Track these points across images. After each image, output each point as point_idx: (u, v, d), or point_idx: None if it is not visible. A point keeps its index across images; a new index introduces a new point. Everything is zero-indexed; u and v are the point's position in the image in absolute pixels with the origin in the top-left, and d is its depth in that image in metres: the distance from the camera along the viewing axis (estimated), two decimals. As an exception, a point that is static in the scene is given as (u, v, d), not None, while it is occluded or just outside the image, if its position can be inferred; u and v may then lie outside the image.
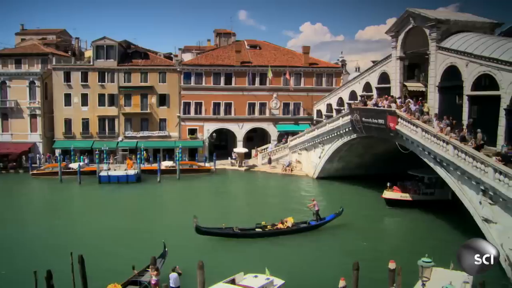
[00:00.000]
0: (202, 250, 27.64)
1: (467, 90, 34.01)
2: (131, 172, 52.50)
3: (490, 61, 31.54)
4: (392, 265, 21.63)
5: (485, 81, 32.39)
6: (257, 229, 31.59)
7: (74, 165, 54.41)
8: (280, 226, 31.95)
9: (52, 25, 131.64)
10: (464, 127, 32.52)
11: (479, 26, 38.65)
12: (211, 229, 30.53)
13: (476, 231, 29.19)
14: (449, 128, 32.10)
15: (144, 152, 57.18)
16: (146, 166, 56.57)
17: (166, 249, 25.62)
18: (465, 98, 34.23)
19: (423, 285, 16.48)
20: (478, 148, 29.00)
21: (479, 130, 31.65)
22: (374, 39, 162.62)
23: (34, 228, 34.06)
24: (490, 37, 35.77)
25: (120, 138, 61.72)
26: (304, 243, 30.78)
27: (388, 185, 40.00)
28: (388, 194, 39.80)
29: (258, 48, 69.12)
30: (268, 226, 31.84)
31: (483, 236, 27.47)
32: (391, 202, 39.49)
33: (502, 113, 30.48)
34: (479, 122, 32.50)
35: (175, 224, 32.20)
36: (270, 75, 61.74)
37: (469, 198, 28.58)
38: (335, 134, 48.31)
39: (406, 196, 39.56)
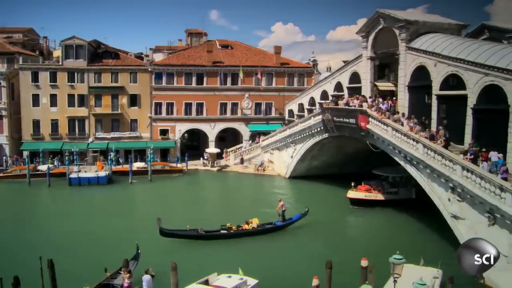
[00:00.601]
0: (175, 252, 27.50)
1: (435, 89, 34.69)
2: (102, 173, 51.69)
3: (458, 61, 32.26)
4: (364, 263, 21.87)
5: (453, 81, 33.08)
6: (222, 231, 31.27)
7: (43, 167, 53.21)
8: (245, 227, 31.79)
9: (18, 24, 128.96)
10: (434, 126, 33.21)
11: (446, 27, 39.43)
12: (175, 231, 30.13)
13: (442, 228, 30.01)
14: (418, 127, 32.70)
15: (111, 154, 56.14)
16: (118, 167, 55.87)
17: (139, 251, 25.33)
18: (434, 98, 34.92)
19: (395, 281, 16.74)
20: (446, 146, 29.62)
21: (440, 127, 32.76)
22: (345, 39, 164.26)
23: (0, 233, 32.97)
24: (457, 38, 36.53)
25: (90, 139, 60.76)
26: (274, 243, 30.80)
27: (352, 184, 40.17)
28: (352, 193, 39.96)
29: (229, 48, 69.01)
30: (233, 228, 31.55)
31: (450, 232, 28.14)
32: (355, 202, 39.71)
33: (469, 112, 31.24)
34: (447, 120, 33.20)
35: (147, 225, 31.69)
36: (241, 75, 61.80)
37: (439, 196, 29.15)
38: (307, 133, 48.58)
39: (370, 196, 39.85)
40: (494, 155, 27.36)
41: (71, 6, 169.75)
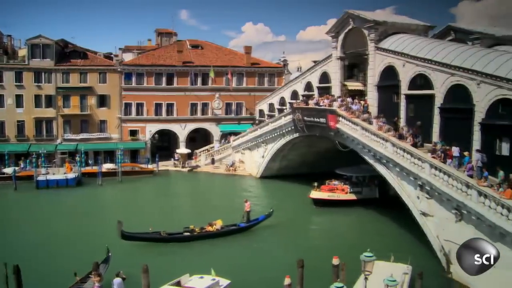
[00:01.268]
0: (146, 254, 27.18)
1: (403, 89, 35.28)
2: (71, 175, 50.72)
3: (425, 61, 32.94)
4: (336, 261, 22.08)
5: (421, 81, 33.71)
6: (185, 233, 30.85)
7: (8, 170, 51.78)
8: (209, 229, 31.42)
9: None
10: (401, 125, 33.80)
11: (414, 28, 40.15)
12: (136, 234, 29.53)
13: (411, 225, 30.62)
14: (387, 126, 33.20)
15: (80, 155, 55.11)
16: (87, 169, 54.94)
17: (110, 253, 24.93)
18: (402, 97, 35.51)
19: (366, 278, 16.93)
20: (415, 145, 30.15)
21: (397, 120, 33.45)
22: (316, 40, 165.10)
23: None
24: (424, 39, 37.28)
25: (58, 141, 59.57)
26: (242, 244, 30.76)
27: (315, 185, 40.30)
28: (315, 194, 39.93)
29: (200, 48, 68.69)
30: (197, 230, 31.12)
31: (419, 229, 28.66)
32: (318, 202, 39.72)
33: (436, 111, 31.92)
34: (415, 120, 33.82)
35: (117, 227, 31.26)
36: (212, 75, 61.58)
37: (408, 193, 29.64)
38: (278, 133, 48.74)
39: (333, 196, 39.98)
40: (456, 151, 28.39)
41: (37, 5, 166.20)
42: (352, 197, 40.38)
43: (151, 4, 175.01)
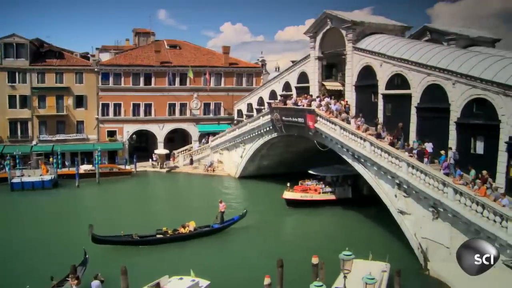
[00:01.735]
0: (123, 256, 26.77)
1: (381, 89, 35.61)
2: (47, 177, 49.76)
3: (402, 61, 33.29)
4: (315, 260, 22.19)
5: (398, 81, 34.05)
6: (158, 235, 30.48)
7: (-19, 172, 50.84)
8: (182, 230, 31.16)
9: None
10: (379, 124, 34.11)
11: (391, 28, 40.55)
12: (108, 237, 29.02)
13: (388, 223, 31.03)
14: (365, 125, 33.47)
15: (56, 157, 54.20)
16: (63, 170, 54.10)
17: (87, 256, 24.63)
18: (380, 97, 35.82)
19: (345, 277, 17.03)
20: (392, 143, 30.45)
21: (378, 120, 33.99)
22: (294, 40, 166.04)
23: None
24: (401, 39, 37.70)
25: (34, 142, 58.47)
26: (218, 245, 30.70)
27: (288, 185, 40.31)
28: (288, 194, 39.93)
29: (178, 48, 68.36)
30: (170, 232, 30.84)
31: (396, 227, 28.96)
32: (291, 203, 39.75)
33: (413, 111, 32.29)
34: (393, 119, 34.18)
35: (95, 229, 30.67)
36: (191, 75, 61.17)
37: (385, 192, 29.92)
38: (256, 133, 48.75)
39: (306, 196, 40.06)
40: (429, 147, 29.10)
41: (11, 3, 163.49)
42: (325, 197, 40.48)
43: (128, 4, 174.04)
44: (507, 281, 19.95)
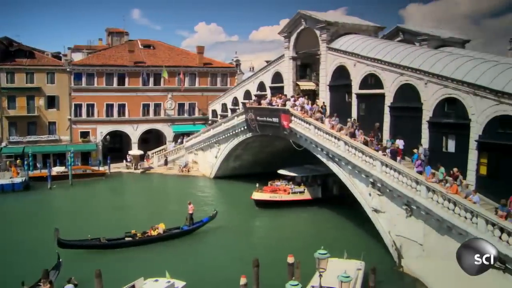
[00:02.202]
0: (97, 259, 26.48)
1: (355, 88, 35.98)
2: (18, 180, 48.70)
3: (375, 61, 33.71)
4: (290, 260, 22.27)
5: (371, 80, 34.43)
6: (126, 238, 29.93)
7: None
8: (151, 233, 30.74)
9: None
10: (350, 123, 34.47)
11: (364, 29, 40.98)
12: (74, 241, 28.24)
13: (361, 222, 31.53)
14: (339, 125, 33.73)
15: (18, 160, 52.91)
16: (35, 172, 53.06)
17: (60, 259, 24.11)
18: (354, 96, 36.16)
19: (320, 275, 17.11)
20: (366, 143, 30.76)
21: (349, 119, 34.72)
22: (268, 40, 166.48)
23: None
24: (374, 39, 38.16)
25: (3, 144, 57.06)
26: (192, 246, 30.45)
27: (257, 185, 40.22)
28: (257, 195, 39.71)
29: (152, 48, 67.86)
30: (139, 234, 30.29)
31: (370, 226, 29.28)
32: (260, 203, 39.63)
33: (386, 110, 32.70)
34: (366, 118, 34.56)
35: (68, 232, 29.86)
36: (165, 75, 60.67)
37: (360, 191, 30.19)
38: (231, 133, 48.66)
39: (276, 197, 39.96)
40: (400, 143, 29.75)
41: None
42: (295, 197, 40.44)
43: (101, 3, 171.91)
44: (478, 277, 20.28)
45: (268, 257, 25.14)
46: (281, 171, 42.11)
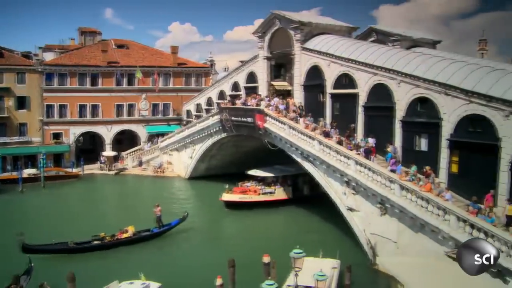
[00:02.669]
0: (70, 263, 25.84)
1: (329, 88, 36.23)
2: (-14, 183, 47.72)
3: (349, 61, 34.04)
4: (266, 259, 22.33)
5: (345, 80, 34.73)
6: (95, 242, 29.28)
7: None
8: (120, 236, 30.13)
9: None
10: (323, 122, 34.76)
11: (338, 29, 41.31)
12: (40, 246, 27.50)
13: (335, 221, 31.81)
14: (314, 124, 33.93)
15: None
16: (5, 175, 51.94)
17: (32, 264, 23.60)
18: (328, 96, 36.42)
19: (296, 275, 17.20)
20: (340, 142, 31.01)
21: (321, 118, 35.09)
22: (243, 40, 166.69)
23: None
24: (348, 40, 38.50)
25: (-29, 145, 55.83)
26: (163, 248, 30.15)
27: (226, 187, 40.01)
28: (226, 196, 39.37)
29: (125, 47, 67.13)
30: (107, 237, 29.67)
31: (344, 224, 29.52)
32: (229, 205, 39.26)
33: (360, 110, 33.05)
34: (340, 118, 34.86)
35: (38, 237, 29.15)
36: (139, 75, 60.08)
37: (335, 190, 30.40)
38: (205, 133, 48.49)
39: (245, 198, 39.70)
40: (371, 141, 30.44)
41: None
42: (265, 198, 40.26)
43: (73, 2, 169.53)
44: (450, 272, 20.69)
45: (243, 258, 24.91)
46: (251, 172, 42.00)
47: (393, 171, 26.66)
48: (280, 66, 45.10)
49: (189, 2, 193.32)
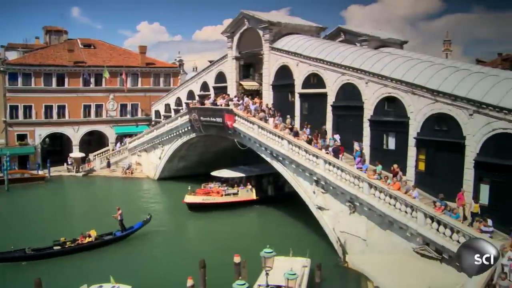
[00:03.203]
0: (35, 268, 25.31)
1: (298, 88, 36.39)
2: None
3: (318, 61, 34.27)
4: (237, 259, 22.26)
5: (314, 80, 34.95)
6: (55, 247, 28.20)
7: None
8: (82, 240, 29.28)
9: None
10: (298, 123, 34.88)
11: (307, 29, 41.52)
12: None
13: (302, 220, 32.28)
14: (283, 124, 34.01)
15: None
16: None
17: None
18: (297, 96, 36.58)
19: (267, 274, 17.17)
20: (310, 141, 31.18)
21: (288, 116, 35.21)
22: (212, 39, 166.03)
23: None
24: (317, 40, 38.77)
25: None
26: (127, 251, 29.59)
27: (189, 188, 39.51)
28: (189, 198, 38.74)
29: (92, 47, 66.04)
30: (68, 243, 28.69)
31: (314, 223, 29.67)
32: (192, 207, 38.63)
33: (329, 109, 33.29)
34: (310, 118, 35.04)
35: (4, 242, 28.52)
36: (107, 75, 59.17)
37: (304, 189, 30.53)
38: (175, 134, 48.13)
39: (208, 199, 39.15)
40: (337, 138, 31.01)
41: None
42: (229, 199, 39.77)
43: (38, 0, 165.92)
44: (418, 268, 21.12)
45: (213, 259, 24.71)
46: (214, 173, 41.66)
47: (359, 169, 26.97)
48: (249, 66, 45.13)
49: (158, 2, 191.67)
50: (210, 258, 22.84)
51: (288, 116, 35.50)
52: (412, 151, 27.01)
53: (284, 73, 38.02)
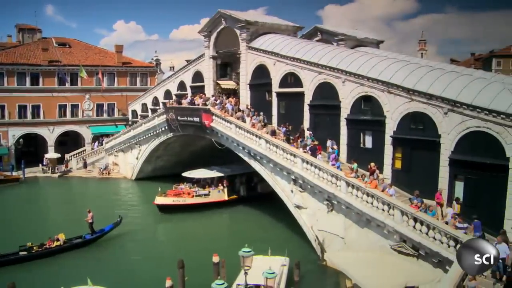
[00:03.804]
0: (8, 272, 24.75)
1: (275, 87, 36.47)
2: None
3: (294, 60, 34.40)
4: (215, 259, 22.27)
5: (291, 79, 35.08)
6: (21, 252, 27.24)
7: None
8: (50, 244, 28.41)
9: None
10: (275, 122, 34.96)
11: (284, 28, 41.61)
12: None
13: (279, 219, 32.36)
14: (260, 124, 34.03)
15: None
16: None
17: None
18: (274, 95, 36.67)
19: (246, 273, 17.20)
20: (288, 140, 31.28)
21: (261, 113, 35.25)
22: (189, 39, 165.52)
23: None
24: (294, 39, 38.90)
25: None
26: (98, 254, 29.02)
27: (159, 189, 39.08)
28: (159, 199, 38.19)
29: (67, 46, 65.13)
30: (35, 247, 27.75)
31: (292, 222, 29.77)
32: (163, 208, 38.03)
33: (306, 108, 33.47)
34: (287, 117, 35.17)
35: None
36: (83, 75, 58.31)
37: (282, 188, 30.60)
38: (152, 134, 47.81)
39: (179, 201, 38.65)
40: (308, 133, 31.19)
41: None
42: (200, 200, 39.39)
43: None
44: (395, 264, 21.35)
45: (191, 259, 24.60)
46: (185, 174, 41.37)
47: (333, 165, 27.23)
48: (227, 65, 45.09)
49: (134, 1, 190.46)
50: (186, 259, 22.67)
51: (261, 113, 35.47)
52: (388, 149, 27.35)
53: (261, 72, 38.07)
